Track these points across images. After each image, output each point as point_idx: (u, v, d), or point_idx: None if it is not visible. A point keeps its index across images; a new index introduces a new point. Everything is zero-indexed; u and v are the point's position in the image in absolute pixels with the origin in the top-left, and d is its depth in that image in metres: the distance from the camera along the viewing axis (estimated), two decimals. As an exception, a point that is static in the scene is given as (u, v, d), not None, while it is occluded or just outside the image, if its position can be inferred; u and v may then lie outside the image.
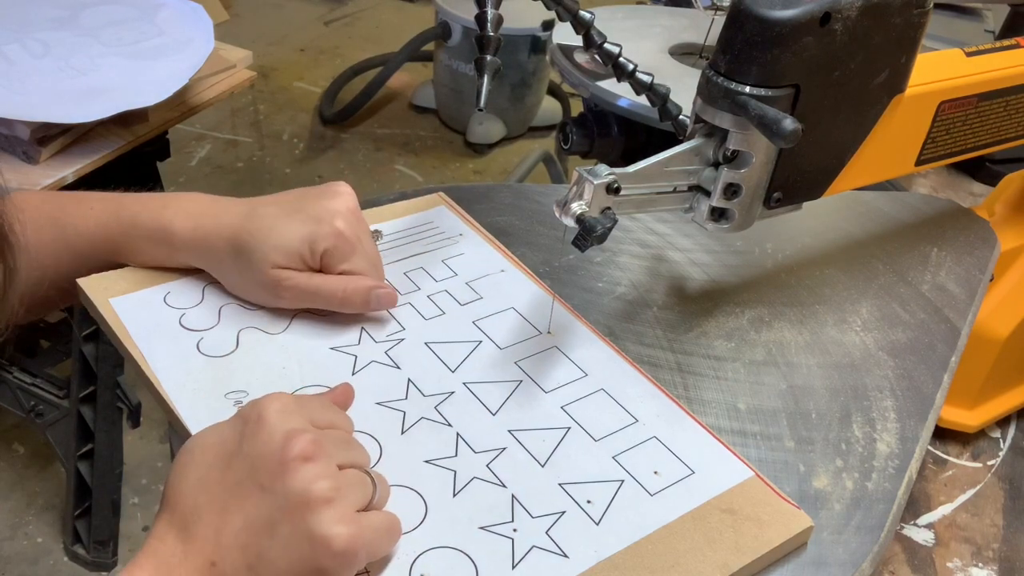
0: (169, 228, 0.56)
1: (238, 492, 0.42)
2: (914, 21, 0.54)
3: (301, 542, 0.40)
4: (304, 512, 0.40)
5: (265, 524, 0.41)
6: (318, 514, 0.40)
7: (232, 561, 0.40)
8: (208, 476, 0.42)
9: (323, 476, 0.41)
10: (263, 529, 0.41)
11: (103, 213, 0.57)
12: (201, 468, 0.43)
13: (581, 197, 0.50)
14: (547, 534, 0.46)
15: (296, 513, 0.40)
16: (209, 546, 0.41)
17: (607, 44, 0.63)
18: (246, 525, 0.41)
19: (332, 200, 0.57)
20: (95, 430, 1.35)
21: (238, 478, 0.42)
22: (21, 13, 1.23)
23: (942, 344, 0.64)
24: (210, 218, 0.56)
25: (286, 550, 0.40)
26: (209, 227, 0.56)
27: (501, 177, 2.50)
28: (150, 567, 0.41)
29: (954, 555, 0.72)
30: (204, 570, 0.40)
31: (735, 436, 0.54)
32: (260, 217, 0.55)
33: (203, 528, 0.41)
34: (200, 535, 0.41)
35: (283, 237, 0.54)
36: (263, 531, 0.41)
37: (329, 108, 2.62)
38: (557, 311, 0.60)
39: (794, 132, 0.47)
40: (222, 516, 0.41)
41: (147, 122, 1.19)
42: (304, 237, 0.55)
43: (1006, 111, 0.67)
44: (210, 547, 0.41)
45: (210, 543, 0.41)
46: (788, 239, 0.73)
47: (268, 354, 0.55)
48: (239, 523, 0.41)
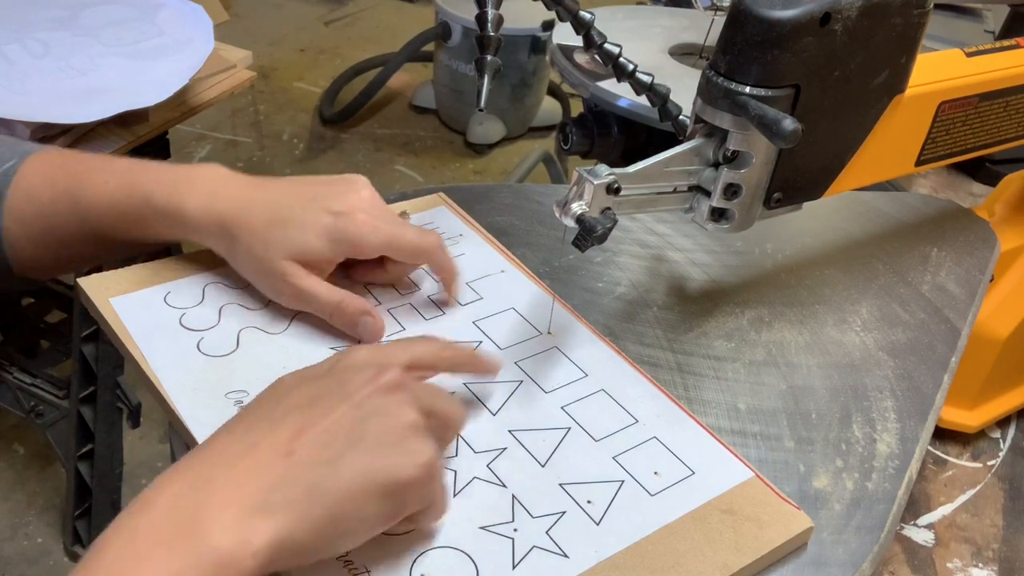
0: (182, 209, 0.55)
1: (326, 402, 0.42)
2: (914, 21, 0.54)
3: (386, 448, 0.41)
4: (391, 428, 0.41)
5: (350, 430, 0.41)
6: (404, 434, 0.41)
7: (310, 455, 0.40)
8: (296, 389, 0.43)
9: (409, 404, 0.43)
10: (348, 432, 0.41)
11: (117, 190, 0.56)
12: (289, 386, 0.43)
13: (581, 197, 0.50)
14: (547, 534, 0.46)
15: (382, 425, 0.41)
16: (286, 437, 0.40)
17: (607, 44, 0.63)
18: (330, 427, 0.41)
19: (352, 192, 0.56)
20: (95, 430, 1.35)
21: (325, 390, 0.42)
22: (21, 13, 1.23)
23: (942, 344, 0.64)
24: (225, 200, 0.55)
25: (367, 455, 0.40)
26: (223, 209, 0.55)
27: (501, 177, 2.50)
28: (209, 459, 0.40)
29: (954, 555, 0.72)
30: (276, 460, 0.39)
31: (735, 436, 0.54)
32: (279, 205, 0.55)
33: (282, 427, 0.41)
34: (279, 430, 0.40)
35: (303, 230, 0.54)
36: (347, 434, 0.41)
37: (329, 108, 2.62)
38: (557, 311, 0.60)
39: (794, 132, 0.47)
40: (307, 415, 0.41)
41: (147, 122, 1.19)
42: (324, 232, 0.54)
43: (1006, 111, 0.68)
44: (287, 438, 0.40)
45: (289, 436, 0.40)
46: (788, 239, 0.73)
47: (268, 354, 0.55)
48: (324, 425, 0.41)
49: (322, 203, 0.55)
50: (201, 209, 0.55)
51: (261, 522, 0.37)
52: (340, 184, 0.57)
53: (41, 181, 0.58)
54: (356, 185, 0.57)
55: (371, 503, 0.40)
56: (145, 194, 0.56)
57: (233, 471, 0.39)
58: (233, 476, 0.38)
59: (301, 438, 0.40)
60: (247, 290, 0.59)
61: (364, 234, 0.55)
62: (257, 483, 0.38)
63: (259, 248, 0.54)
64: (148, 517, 0.37)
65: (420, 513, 0.43)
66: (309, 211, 0.55)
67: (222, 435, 0.41)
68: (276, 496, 0.38)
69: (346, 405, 0.42)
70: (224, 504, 0.37)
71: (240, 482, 0.38)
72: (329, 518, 0.39)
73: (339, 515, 0.39)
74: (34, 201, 0.58)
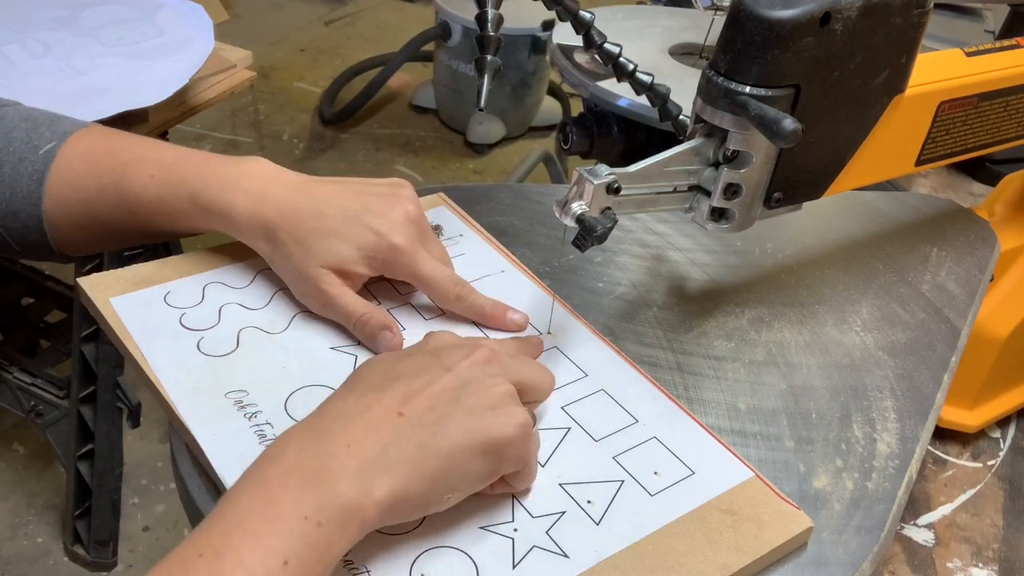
0: (230, 210, 0.56)
1: (425, 372, 0.45)
2: (914, 21, 0.54)
3: (485, 411, 0.44)
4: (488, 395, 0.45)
5: (453, 394, 0.44)
6: (500, 400, 0.45)
7: (419, 416, 0.43)
8: (394, 366, 0.46)
9: (502, 375, 0.47)
10: (451, 397, 0.44)
11: (163, 185, 0.57)
12: (385, 363, 0.47)
13: (581, 197, 0.50)
14: (547, 534, 0.46)
15: (479, 393, 0.45)
16: (396, 402, 0.43)
17: (607, 44, 0.63)
18: (434, 394, 0.44)
19: (394, 209, 0.57)
20: (95, 430, 1.35)
21: (425, 364, 0.46)
22: (21, 13, 1.23)
23: (942, 344, 0.64)
24: (272, 205, 0.56)
25: (468, 417, 0.44)
26: (270, 214, 0.56)
27: (501, 177, 2.50)
28: (327, 419, 0.43)
29: (954, 555, 0.72)
30: (390, 419, 0.43)
31: (735, 436, 0.54)
32: (324, 215, 0.56)
33: (390, 392, 0.44)
34: (388, 394, 0.44)
35: (342, 243, 0.55)
36: (450, 399, 0.44)
37: (329, 108, 2.62)
38: (557, 311, 0.60)
39: (794, 132, 0.47)
40: (411, 384, 0.44)
41: (147, 122, 1.19)
42: (362, 248, 0.56)
43: (1006, 111, 0.67)
44: (397, 402, 0.43)
45: (399, 400, 0.43)
46: (788, 239, 0.73)
47: (268, 354, 0.55)
48: (428, 392, 0.44)
49: (366, 219, 0.56)
50: (249, 212, 0.56)
51: (380, 475, 0.41)
52: (386, 195, 0.58)
53: (85, 168, 0.59)
54: (401, 197, 0.58)
55: (474, 460, 0.43)
56: (192, 192, 0.56)
57: (351, 427, 0.42)
58: (352, 432, 0.42)
59: (410, 402, 0.43)
60: (247, 290, 0.59)
61: (399, 262, 0.57)
62: (374, 439, 0.42)
63: (299, 254, 0.55)
64: (277, 467, 0.40)
65: (514, 475, 0.46)
66: (353, 225, 0.56)
67: (335, 401, 0.45)
68: (392, 452, 0.42)
69: (447, 375, 0.45)
70: (347, 456, 0.41)
71: (359, 437, 0.42)
72: (439, 472, 0.42)
73: (447, 470, 0.43)
74: (78, 189, 0.58)
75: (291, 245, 0.55)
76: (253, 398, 0.51)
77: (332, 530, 0.39)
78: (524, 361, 0.51)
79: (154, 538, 1.52)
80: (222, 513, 0.39)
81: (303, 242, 0.55)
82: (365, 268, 0.56)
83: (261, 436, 0.49)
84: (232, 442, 0.48)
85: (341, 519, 0.39)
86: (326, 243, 0.55)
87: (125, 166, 0.58)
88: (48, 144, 0.59)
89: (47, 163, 0.59)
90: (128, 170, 0.58)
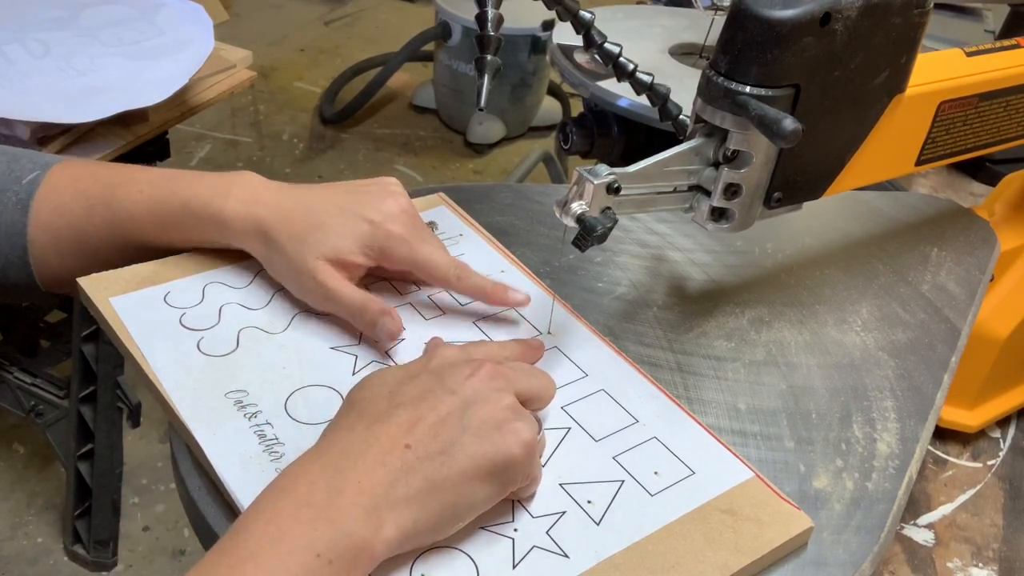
0: (221, 213, 0.56)
1: (429, 397, 0.45)
2: (914, 21, 0.54)
3: (491, 431, 0.44)
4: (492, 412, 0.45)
5: (458, 418, 0.44)
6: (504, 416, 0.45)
7: (426, 446, 0.43)
8: (398, 389, 0.46)
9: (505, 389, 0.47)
10: (455, 422, 0.44)
11: (152, 200, 0.57)
12: (389, 384, 0.46)
13: (581, 197, 0.50)
14: (547, 534, 0.46)
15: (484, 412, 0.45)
16: (402, 432, 0.43)
17: (607, 44, 0.63)
18: (439, 420, 0.44)
19: (386, 201, 0.58)
20: (95, 430, 1.35)
21: (428, 387, 0.46)
22: (21, 13, 1.23)
23: (942, 344, 0.64)
24: (264, 206, 0.56)
25: (475, 441, 0.44)
26: (263, 214, 0.56)
27: (501, 177, 2.50)
28: (335, 452, 0.43)
29: (954, 555, 0.72)
30: (397, 451, 0.43)
31: (735, 436, 0.54)
32: (316, 212, 0.56)
33: (396, 421, 0.44)
34: (394, 424, 0.44)
35: (338, 235, 0.56)
36: (455, 423, 0.44)
37: (329, 108, 2.62)
38: (557, 311, 0.60)
39: (794, 132, 0.47)
40: (415, 411, 0.44)
41: (147, 122, 1.19)
42: (358, 238, 0.56)
43: (1006, 111, 0.67)
44: (403, 432, 0.43)
45: (403, 430, 0.43)
46: (788, 239, 0.73)
47: (268, 354, 0.55)
48: (432, 419, 0.44)
49: (358, 211, 0.57)
50: (241, 214, 0.56)
51: (389, 512, 0.41)
52: (375, 191, 0.59)
53: (71, 193, 0.59)
54: (390, 191, 0.59)
55: (482, 485, 0.44)
56: (184, 200, 0.57)
57: (360, 463, 0.42)
58: (361, 468, 0.42)
59: (416, 431, 0.43)
60: (247, 290, 0.59)
61: (396, 248, 0.57)
62: (382, 474, 0.42)
63: (295, 249, 0.56)
64: (288, 501, 0.41)
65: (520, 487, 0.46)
66: (346, 218, 0.56)
67: (342, 432, 0.44)
68: (400, 487, 0.42)
69: (451, 398, 0.45)
70: (357, 493, 0.41)
71: (368, 473, 0.42)
72: (448, 505, 0.43)
73: (455, 502, 0.43)
74: (66, 213, 0.58)
75: (286, 242, 0.56)
76: (253, 398, 0.51)
77: (341, 567, 0.40)
78: (527, 372, 0.51)
79: (154, 538, 1.52)
80: (233, 543, 0.40)
81: (298, 237, 0.56)
82: (362, 258, 0.56)
83: (261, 436, 0.49)
84: (232, 442, 0.48)
85: (351, 557, 0.40)
86: (322, 236, 0.56)
87: (115, 187, 0.58)
88: (31, 174, 0.59)
89: (31, 191, 0.58)
90: (118, 190, 0.58)
